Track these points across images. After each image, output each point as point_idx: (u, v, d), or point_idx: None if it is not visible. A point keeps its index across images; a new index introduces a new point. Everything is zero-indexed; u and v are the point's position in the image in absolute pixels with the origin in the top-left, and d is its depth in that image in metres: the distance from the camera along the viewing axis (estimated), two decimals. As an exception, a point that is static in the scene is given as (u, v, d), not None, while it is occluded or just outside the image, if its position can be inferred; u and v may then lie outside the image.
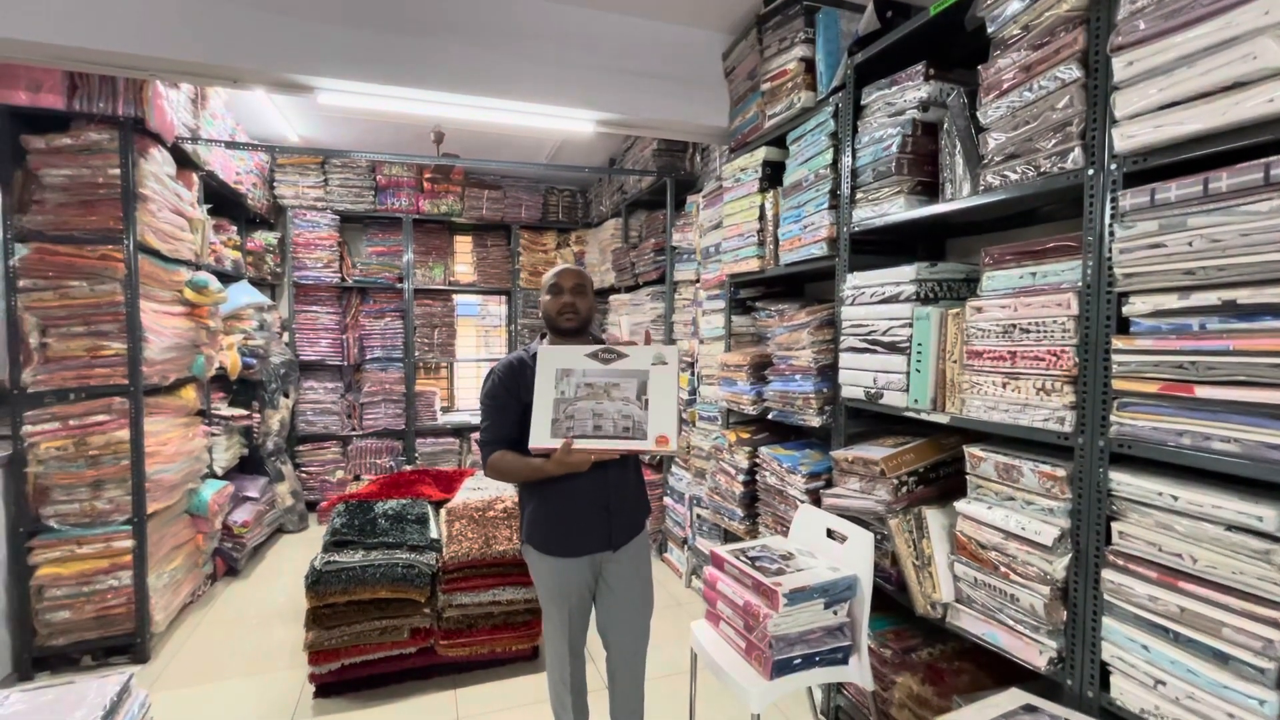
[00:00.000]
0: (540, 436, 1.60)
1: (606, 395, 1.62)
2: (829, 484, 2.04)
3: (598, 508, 1.71)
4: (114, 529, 2.53)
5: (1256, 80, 0.98)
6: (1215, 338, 1.06)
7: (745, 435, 2.58)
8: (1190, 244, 1.07)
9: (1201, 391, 1.08)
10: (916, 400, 1.71)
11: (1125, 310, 1.20)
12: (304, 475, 4.67)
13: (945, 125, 1.67)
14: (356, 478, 4.73)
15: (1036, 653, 1.37)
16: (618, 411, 1.61)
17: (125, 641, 2.57)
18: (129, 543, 2.54)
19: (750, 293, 2.82)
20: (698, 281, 3.26)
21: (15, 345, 2.40)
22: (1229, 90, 1.01)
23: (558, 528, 1.71)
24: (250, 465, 3.95)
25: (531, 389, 1.65)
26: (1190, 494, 1.10)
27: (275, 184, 4.56)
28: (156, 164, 2.71)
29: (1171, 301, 1.12)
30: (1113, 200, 1.22)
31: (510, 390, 1.71)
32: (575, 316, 1.76)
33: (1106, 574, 1.23)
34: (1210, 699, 1.06)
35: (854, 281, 1.96)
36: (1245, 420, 1.03)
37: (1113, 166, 1.22)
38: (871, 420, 2.05)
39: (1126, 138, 1.17)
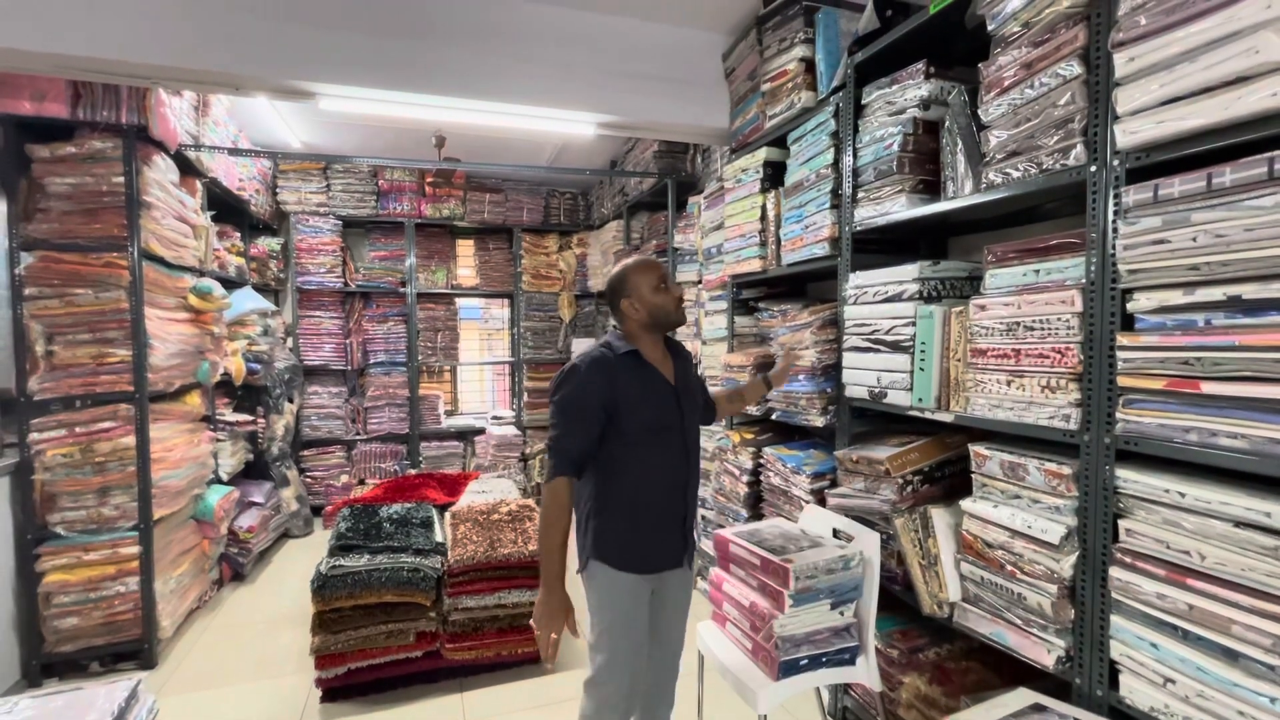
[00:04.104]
0: None
1: None
2: (834, 484, 2.04)
3: (676, 520, 1.61)
4: (121, 535, 2.53)
5: (1259, 75, 0.97)
6: (1221, 333, 1.05)
7: (749, 436, 2.58)
8: (1194, 239, 1.07)
9: (1208, 387, 1.07)
10: (921, 399, 1.71)
11: (1130, 307, 1.19)
12: (309, 480, 4.68)
13: (946, 123, 1.67)
14: (361, 482, 4.73)
15: (1044, 651, 1.36)
16: None
17: (133, 647, 2.58)
18: (136, 549, 2.55)
19: (753, 293, 2.82)
20: (700, 282, 3.26)
21: (22, 353, 2.41)
22: (1231, 85, 1.01)
23: (637, 539, 1.57)
24: (255, 470, 3.96)
25: (623, 386, 1.53)
26: (1198, 490, 1.09)
27: (278, 190, 4.58)
28: (160, 171, 2.72)
29: (1176, 297, 1.11)
30: (1116, 197, 1.21)
31: (599, 395, 1.51)
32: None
33: (1114, 572, 1.22)
34: (1221, 696, 1.05)
35: (856, 281, 1.95)
36: (1252, 416, 1.02)
37: (1115, 163, 1.22)
38: (876, 419, 2.05)
39: (1129, 134, 1.16)
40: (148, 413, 2.58)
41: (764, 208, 2.45)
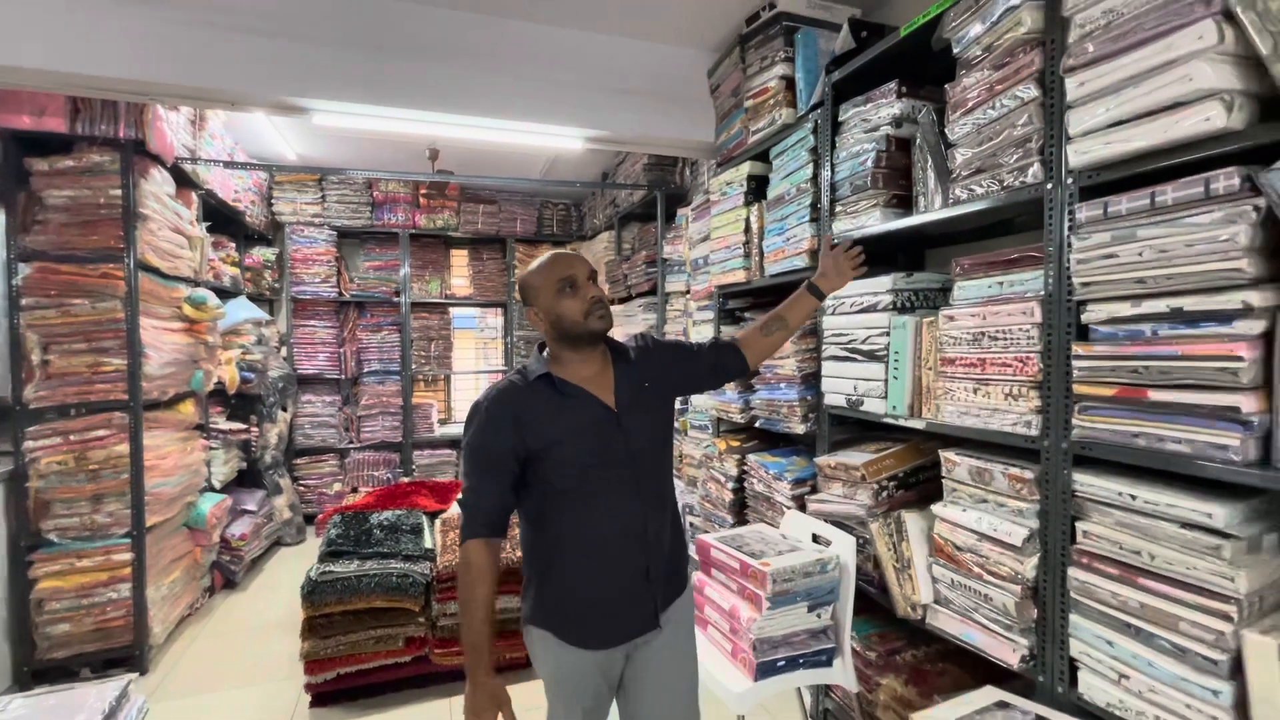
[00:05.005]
0: None
1: None
2: (814, 490, 2.08)
3: (636, 577, 1.32)
4: (113, 542, 2.56)
5: (1193, 100, 1.03)
6: (1165, 343, 1.11)
7: (735, 443, 2.62)
8: (1140, 254, 1.12)
9: (1154, 395, 1.12)
10: (895, 407, 1.76)
11: (1084, 318, 1.25)
12: (302, 488, 4.71)
13: (917, 141, 1.74)
14: (354, 490, 4.76)
15: (1010, 651, 1.41)
16: None
17: (124, 653, 2.60)
18: (128, 556, 2.57)
19: (738, 303, 2.87)
20: (688, 293, 3.32)
21: (17, 362, 2.45)
22: (1169, 110, 1.07)
23: (588, 611, 1.31)
24: (248, 479, 3.99)
25: (535, 426, 1.27)
26: (1147, 493, 1.14)
27: (273, 201, 4.63)
28: (156, 184, 2.77)
29: (1125, 309, 1.17)
30: (1070, 213, 1.27)
31: (504, 439, 1.26)
32: (608, 312, 1.34)
33: (1073, 572, 1.27)
34: (1170, 691, 1.10)
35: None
36: (1194, 421, 1.07)
37: (1069, 181, 1.28)
38: (855, 427, 2.10)
39: (1080, 153, 1.22)
40: (142, 421, 2.61)
41: (748, 220, 2.51)
